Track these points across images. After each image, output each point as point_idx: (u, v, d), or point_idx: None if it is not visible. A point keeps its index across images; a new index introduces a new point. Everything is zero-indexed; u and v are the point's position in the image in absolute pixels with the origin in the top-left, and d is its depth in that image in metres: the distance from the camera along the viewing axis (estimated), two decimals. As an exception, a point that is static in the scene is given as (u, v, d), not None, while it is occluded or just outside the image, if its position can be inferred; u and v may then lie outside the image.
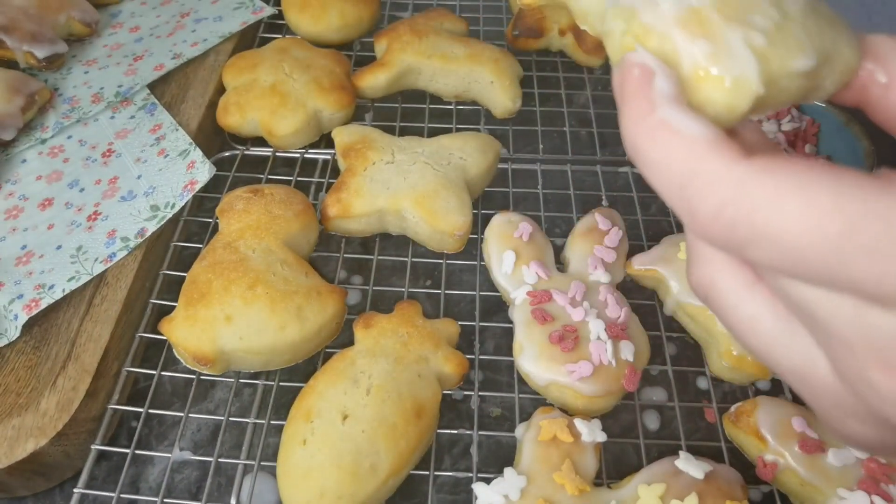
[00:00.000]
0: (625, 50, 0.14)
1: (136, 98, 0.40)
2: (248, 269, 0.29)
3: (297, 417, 0.26)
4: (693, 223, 0.13)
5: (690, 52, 0.13)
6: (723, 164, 0.12)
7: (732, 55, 0.13)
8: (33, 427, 0.26)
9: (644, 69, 0.13)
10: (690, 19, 0.13)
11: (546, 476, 0.24)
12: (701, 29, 0.13)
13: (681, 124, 0.13)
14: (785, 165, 0.12)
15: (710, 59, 0.13)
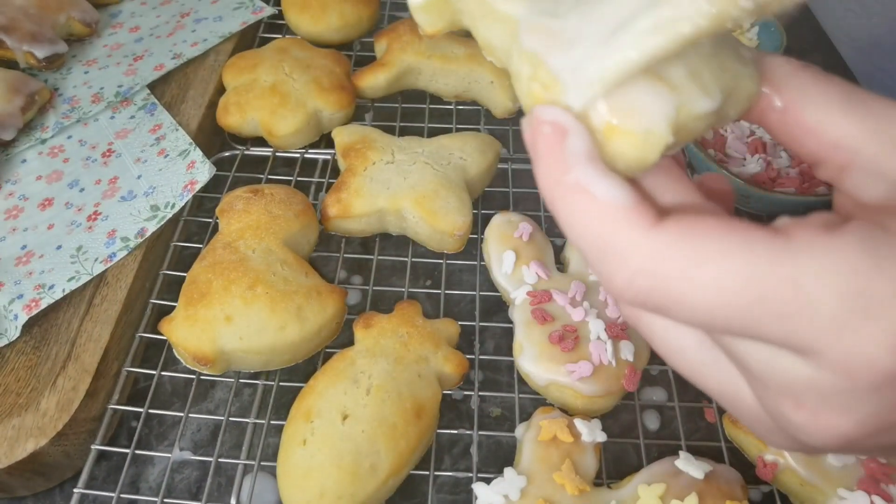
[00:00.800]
0: (533, 99, 0.14)
1: (136, 98, 0.40)
2: (248, 269, 0.29)
3: (297, 417, 0.26)
4: (608, 288, 0.13)
5: (601, 106, 0.13)
6: (636, 233, 0.12)
7: (641, 108, 0.13)
8: (33, 427, 0.26)
9: (556, 127, 0.13)
10: (594, 58, 0.13)
11: (546, 476, 0.24)
12: (606, 69, 0.13)
13: (595, 188, 0.13)
14: (695, 231, 0.12)
15: (618, 113, 0.13)
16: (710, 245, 0.12)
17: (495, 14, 0.15)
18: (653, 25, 0.13)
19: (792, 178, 0.35)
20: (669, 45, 0.12)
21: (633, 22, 0.13)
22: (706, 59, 0.14)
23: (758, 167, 0.36)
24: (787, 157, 0.36)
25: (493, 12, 0.15)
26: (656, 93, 0.13)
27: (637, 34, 0.13)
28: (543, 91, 0.13)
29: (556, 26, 0.13)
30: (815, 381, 0.12)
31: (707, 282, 0.12)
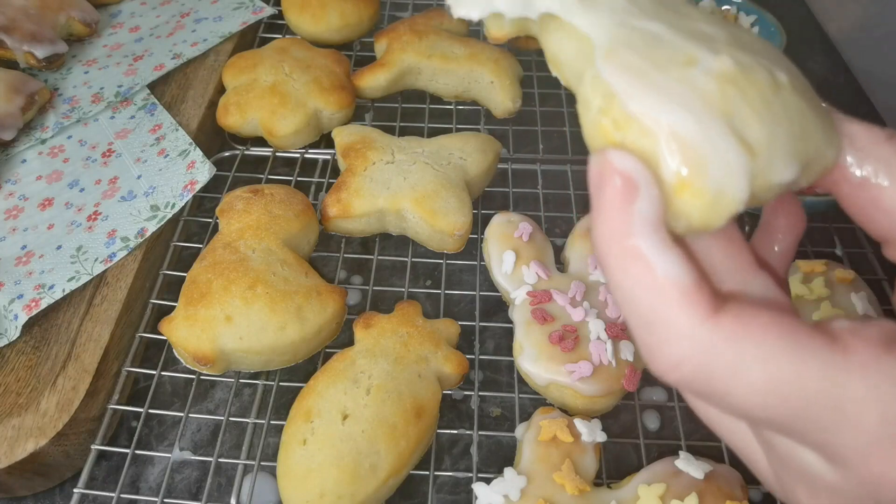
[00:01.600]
0: (601, 134, 0.13)
1: (136, 98, 0.40)
2: (248, 269, 0.29)
3: (297, 417, 0.26)
4: (651, 363, 0.13)
5: (673, 154, 0.12)
6: (690, 320, 0.12)
7: (718, 168, 0.12)
8: (33, 427, 0.26)
9: (627, 182, 0.12)
10: (676, 120, 0.12)
11: (546, 476, 0.24)
12: (686, 132, 0.12)
13: (657, 261, 0.12)
14: (751, 328, 0.12)
15: (693, 167, 0.12)
16: (764, 347, 0.12)
17: (569, 30, 0.14)
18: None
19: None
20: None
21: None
22: (790, 122, 0.13)
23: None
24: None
25: (567, 27, 0.14)
26: (737, 155, 0.12)
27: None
28: (614, 129, 0.13)
29: (640, 62, 0.13)
30: (838, 486, 0.12)
31: (754, 383, 0.12)
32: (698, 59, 0.12)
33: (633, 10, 0.13)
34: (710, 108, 0.12)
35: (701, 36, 0.13)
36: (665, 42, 0.13)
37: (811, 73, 0.47)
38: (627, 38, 0.13)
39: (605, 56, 0.13)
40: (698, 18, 0.14)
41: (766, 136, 0.12)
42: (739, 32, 0.14)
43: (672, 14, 0.14)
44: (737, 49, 0.13)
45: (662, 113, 0.12)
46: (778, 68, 0.13)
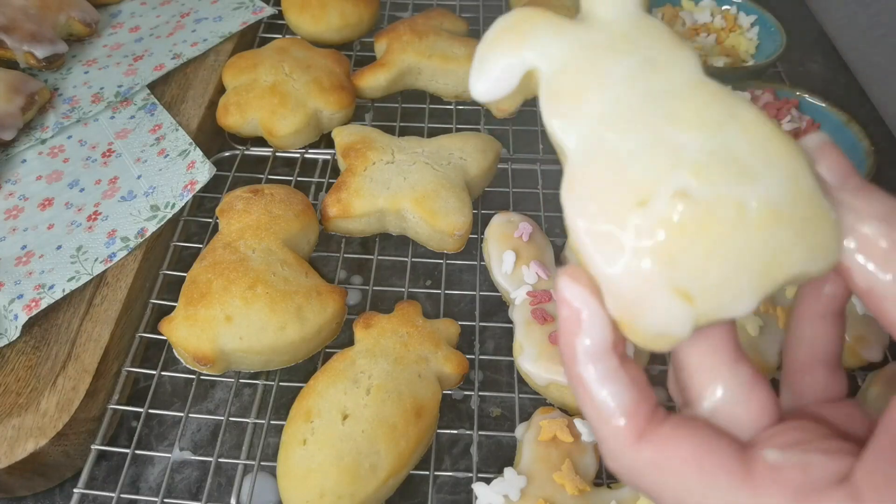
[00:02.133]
0: (570, 244, 0.14)
1: (136, 98, 0.40)
2: (248, 269, 0.29)
3: (297, 417, 0.26)
4: (598, 445, 0.15)
5: (612, 303, 0.13)
6: (616, 444, 0.14)
7: (654, 318, 0.12)
8: (33, 427, 0.26)
9: (573, 314, 0.13)
10: (615, 262, 0.12)
11: (546, 476, 0.24)
12: (624, 277, 0.12)
13: (593, 390, 0.13)
14: (669, 461, 0.13)
15: (629, 317, 0.13)
16: (677, 480, 0.13)
17: (550, 126, 0.14)
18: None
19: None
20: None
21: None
22: (751, 256, 0.12)
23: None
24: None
25: (548, 123, 0.14)
26: (673, 305, 0.12)
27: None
28: (572, 249, 0.14)
29: (593, 204, 0.13)
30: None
31: (670, 500, 0.13)
32: (650, 199, 0.12)
33: (614, 114, 0.13)
34: (651, 259, 0.12)
35: (674, 151, 0.13)
36: (628, 169, 0.13)
37: (811, 73, 0.47)
38: (592, 163, 0.13)
39: (567, 184, 0.13)
40: (684, 120, 0.13)
41: (715, 280, 0.12)
42: (731, 127, 0.13)
43: (657, 115, 0.13)
44: (708, 169, 0.12)
45: (603, 264, 0.13)
46: (753, 183, 0.12)
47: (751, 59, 0.43)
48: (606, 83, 0.13)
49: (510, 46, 0.14)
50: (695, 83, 0.13)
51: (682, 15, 0.45)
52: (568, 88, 0.14)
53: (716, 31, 0.44)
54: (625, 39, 0.14)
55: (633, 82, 0.13)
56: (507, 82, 0.14)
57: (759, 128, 0.13)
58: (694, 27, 0.44)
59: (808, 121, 0.37)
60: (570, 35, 0.14)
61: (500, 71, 0.14)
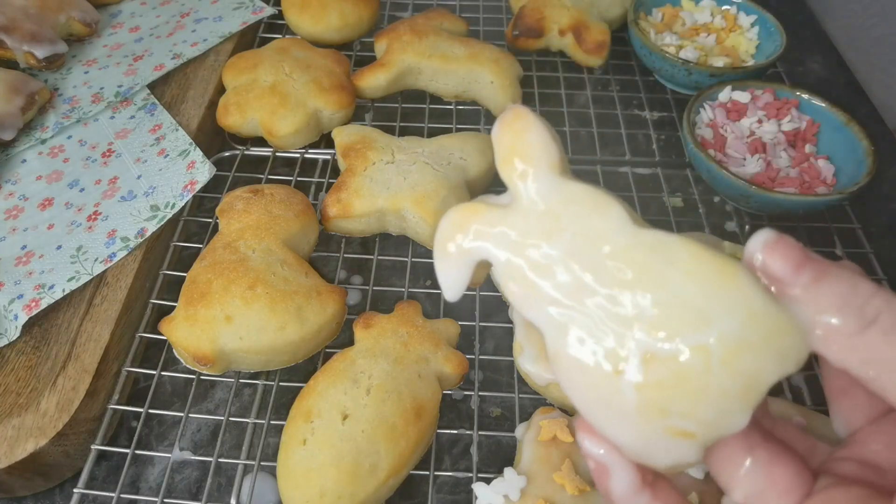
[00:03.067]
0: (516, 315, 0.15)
1: (136, 98, 0.40)
2: (248, 269, 0.29)
3: (297, 417, 0.26)
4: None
5: (626, 450, 0.14)
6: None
7: (664, 457, 0.14)
8: (33, 427, 0.26)
9: (599, 466, 0.15)
10: (616, 422, 0.14)
11: (546, 476, 0.24)
12: (628, 434, 0.14)
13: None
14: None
15: (644, 459, 0.14)
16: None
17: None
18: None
19: (792, 178, 0.35)
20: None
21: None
22: (731, 384, 0.13)
23: (758, 167, 0.36)
24: (788, 157, 0.36)
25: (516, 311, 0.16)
26: (676, 444, 0.14)
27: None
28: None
29: (576, 376, 0.14)
30: None
31: None
32: (624, 369, 0.14)
33: (566, 299, 0.14)
34: (643, 415, 0.14)
35: (631, 318, 0.14)
36: (596, 345, 0.14)
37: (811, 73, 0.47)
38: (563, 348, 0.14)
39: (553, 360, 0.15)
40: (626, 281, 0.14)
41: (706, 415, 0.13)
42: (673, 276, 0.14)
43: (602, 284, 0.14)
44: (664, 324, 0.13)
45: (605, 427, 0.14)
46: (709, 325, 0.13)
47: (751, 59, 0.43)
48: (551, 270, 0.15)
49: (457, 247, 0.16)
50: (627, 243, 0.14)
51: (682, 15, 0.45)
52: (522, 283, 0.15)
53: (716, 31, 0.44)
54: (551, 220, 0.15)
55: (572, 260, 0.14)
56: (463, 278, 0.16)
57: (699, 267, 0.14)
58: (694, 27, 0.44)
59: (807, 121, 0.37)
60: (503, 226, 0.15)
61: (454, 269, 0.16)
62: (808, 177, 0.35)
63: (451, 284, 0.16)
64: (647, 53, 0.42)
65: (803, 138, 0.37)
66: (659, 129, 0.42)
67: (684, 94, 0.43)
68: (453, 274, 0.16)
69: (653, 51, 0.41)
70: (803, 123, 0.37)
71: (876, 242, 0.36)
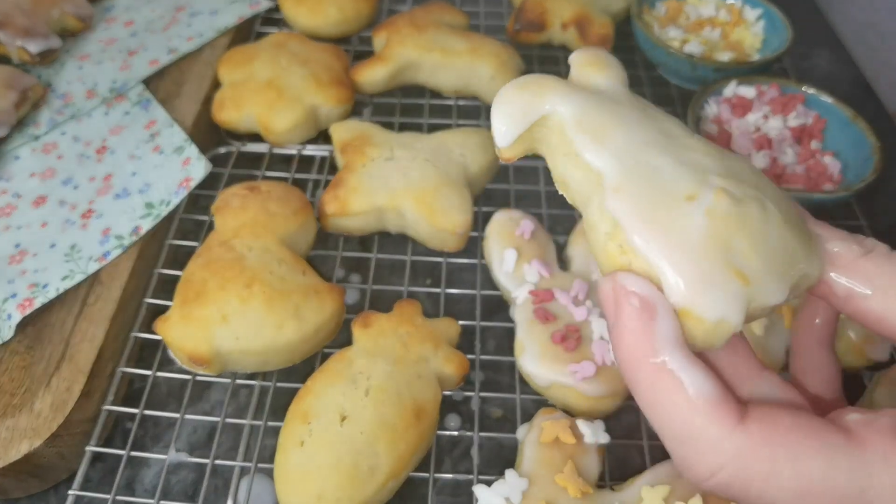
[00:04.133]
0: (608, 258, 0.14)
1: (130, 94, 0.39)
2: (244, 268, 0.28)
3: (295, 419, 0.25)
4: (687, 474, 0.14)
5: (677, 288, 0.13)
6: (721, 431, 0.13)
7: (717, 298, 0.13)
8: (27, 428, 0.26)
9: (645, 304, 0.13)
10: (678, 254, 0.13)
11: (548, 478, 0.24)
12: (688, 266, 0.13)
13: (685, 377, 0.13)
14: (778, 432, 0.13)
15: (695, 299, 0.13)
16: (792, 448, 0.13)
17: (580, 161, 0.15)
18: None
19: (798, 174, 0.35)
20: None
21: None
22: (779, 250, 0.14)
23: (763, 163, 0.35)
24: (793, 154, 0.36)
25: (578, 158, 0.15)
26: (734, 286, 0.13)
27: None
28: (620, 253, 0.14)
29: (644, 199, 0.14)
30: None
31: (787, 484, 0.13)
32: (697, 195, 0.14)
33: (639, 143, 0.15)
34: (708, 242, 0.13)
35: (699, 168, 0.14)
36: (667, 177, 0.14)
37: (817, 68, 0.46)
38: (633, 173, 0.14)
39: (613, 191, 0.14)
40: (696, 149, 0.15)
41: (760, 265, 0.14)
42: (732, 161, 0.15)
43: (673, 145, 0.15)
44: (731, 180, 0.14)
45: (664, 251, 0.13)
46: (767, 197, 0.14)
47: (756, 53, 0.42)
48: (625, 122, 0.15)
49: (532, 91, 0.16)
50: (690, 132, 0.16)
51: (687, 9, 0.44)
52: (593, 126, 0.15)
53: (721, 25, 0.43)
54: (626, 99, 0.16)
55: (645, 124, 0.15)
56: (527, 118, 0.16)
57: (749, 164, 0.16)
58: (699, 21, 0.44)
59: (814, 116, 0.37)
60: (584, 91, 0.16)
61: (522, 106, 0.16)
62: (814, 173, 0.35)
63: (511, 118, 0.16)
64: (650, 47, 0.41)
65: (810, 134, 0.36)
66: (662, 125, 0.42)
67: (689, 88, 0.43)
68: (519, 107, 0.16)
69: (657, 45, 0.40)
70: (810, 119, 0.37)
71: (883, 240, 0.35)
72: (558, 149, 0.16)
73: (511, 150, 0.16)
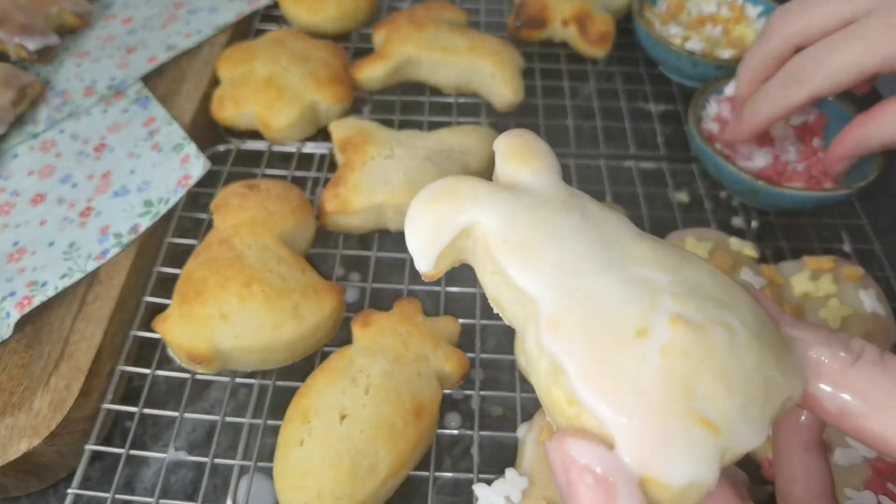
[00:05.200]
0: (555, 404, 0.12)
1: (129, 91, 0.39)
2: (243, 267, 0.28)
3: (294, 417, 0.25)
4: None
5: (634, 452, 0.11)
6: None
7: (681, 463, 0.11)
8: (26, 427, 0.26)
9: (600, 482, 0.11)
10: (632, 408, 0.11)
11: (548, 477, 0.24)
12: (644, 422, 0.11)
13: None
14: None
15: (656, 464, 0.11)
16: None
17: (510, 282, 0.13)
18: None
19: (800, 172, 0.34)
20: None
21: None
22: (753, 379, 0.12)
23: (765, 161, 0.35)
24: (795, 152, 0.36)
25: (507, 278, 0.13)
26: (700, 439, 0.11)
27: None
28: (567, 403, 0.12)
29: (587, 339, 0.12)
30: None
31: None
32: (648, 329, 0.12)
33: (577, 260, 0.13)
34: (667, 391, 0.11)
35: (649, 287, 0.12)
36: (611, 304, 0.12)
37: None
38: (571, 303, 0.12)
39: (550, 327, 0.12)
40: (645, 260, 0.13)
41: (731, 409, 0.12)
42: (689, 270, 0.13)
43: (617, 258, 0.13)
44: (689, 299, 0.12)
45: (614, 406, 0.11)
46: (732, 313, 0.12)
47: (757, 50, 0.42)
48: (558, 234, 0.13)
49: (449, 202, 0.14)
50: (636, 234, 0.14)
51: (688, 6, 0.44)
52: (521, 240, 0.13)
53: (723, 22, 0.43)
54: (559, 201, 0.14)
55: (582, 233, 0.13)
56: (445, 234, 0.14)
57: (710, 267, 0.13)
58: (700, 17, 0.44)
59: (815, 113, 0.37)
60: (508, 195, 0.14)
61: (438, 221, 0.14)
62: (816, 171, 0.34)
63: (426, 239, 0.14)
64: (652, 44, 0.41)
65: (811, 132, 0.36)
66: (664, 123, 0.42)
67: (690, 86, 0.43)
68: (432, 226, 0.14)
69: (658, 42, 0.40)
70: (811, 117, 0.37)
71: (884, 239, 0.35)
72: (485, 265, 0.14)
73: (435, 269, 0.15)
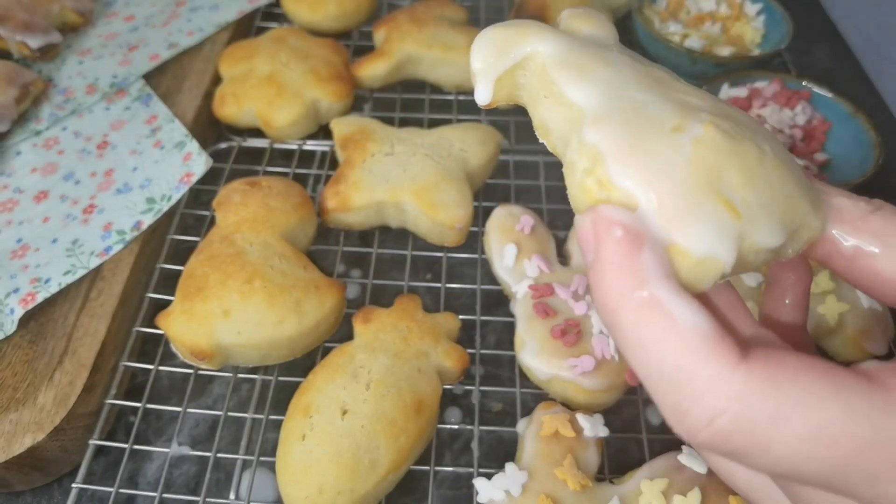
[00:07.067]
0: (586, 194, 0.13)
1: (131, 89, 0.39)
2: (245, 263, 0.28)
3: (296, 413, 0.25)
4: (676, 422, 0.11)
5: (660, 218, 0.12)
6: (720, 368, 0.11)
7: (703, 232, 0.12)
8: (30, 422, 0.26)
9: (629, 232, 0.12)
10: (663, 182, 0.12)
11: (548, 471, 0.24)
12: (672, 194, 0.12)
13: (675, 309, 0.11)
14: (786, 373, 0.11)
15: (680, 231, 0.12)
16: (802, 390, 0.11)
17: (561, 98, 0.14)
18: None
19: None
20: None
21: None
22: (774, 189, 0.13)
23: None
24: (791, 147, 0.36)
25: (559, 96, 0.14)
26: (722, 217, 0.12)
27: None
28: (598, 189, 0.13)
29: (628, 128, 0.13)
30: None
31: (798, 431, 0.10)
32: (685, 126, 0.13)
33: (624, 81, 0.14)
34: (696, 171, 0.12)
35: (688, 106, 0.13)
36: (653, 111, 0.13)
37: (817, 62, 0.46)
38: (616, 106, 0.13)
39: (594, 121, 0.13)
40: (686, 91, 0.14)
41: (753, 200, 0.12)
42: (724, 106, 0.14)
43: (661, 86, 0.14)
44: (723, 119, 0.13)
45: (645, 178, 0.12)
46: (762, 139, 0.13)
47: (756, 48, 0.42)
48: (612, 62, 0.14)
49: (517, 30, 0.15)
50: (685, 82, 0.15)
51: (688, 3, 0.44)
52: (576, 62, 0.14)
53: (722, 20, 0.43)
54: (616, 47, 0.15)
55: (634, 67, 0.14)
56: (507, 57, 0.15)
57: (748, 116, 0.14)
58: (699, 15, 0.44)
59: (810, 110, 0.37)
60: (570, 35, 0.15)
61: (503, 44, 0.15)
62: (816, 169, 0.35)
63: (490, 56, 0.15)
64: (651, 42, 0.41)
65: (810, 133, 0.36)
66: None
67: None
68: (498, 45, 0.15)
69: (657, 39, 0.40)
70: (809, 115, 0.37)
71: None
72: (539, 91, 0.15)
73: (493, 96, 0.15)
